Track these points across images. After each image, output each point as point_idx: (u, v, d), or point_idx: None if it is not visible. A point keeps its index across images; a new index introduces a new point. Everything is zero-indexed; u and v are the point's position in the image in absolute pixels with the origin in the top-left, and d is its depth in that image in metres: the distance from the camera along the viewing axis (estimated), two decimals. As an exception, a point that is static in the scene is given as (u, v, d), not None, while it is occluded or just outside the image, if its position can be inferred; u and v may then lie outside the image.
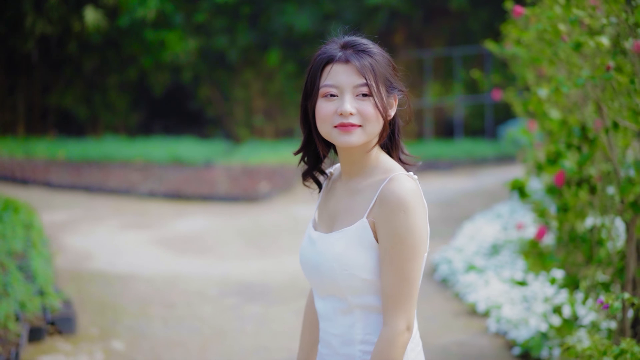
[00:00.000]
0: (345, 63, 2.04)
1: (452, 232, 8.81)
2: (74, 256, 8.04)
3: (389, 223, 2.00)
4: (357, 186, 2.12)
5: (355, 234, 2.04)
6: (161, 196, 11.95)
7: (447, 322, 5.99)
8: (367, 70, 2.03)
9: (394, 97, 2.12)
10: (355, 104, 2.03)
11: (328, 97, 2.04)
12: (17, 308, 5.31)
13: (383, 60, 2.09)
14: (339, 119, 2.03)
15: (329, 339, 2.12)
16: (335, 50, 2.08)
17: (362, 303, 2.06)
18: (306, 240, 2.16)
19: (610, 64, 4.04)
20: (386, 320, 2.02)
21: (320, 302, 2.14)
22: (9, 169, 13.66)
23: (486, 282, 6.55)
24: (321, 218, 2.17)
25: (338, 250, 2.04)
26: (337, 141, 2.05)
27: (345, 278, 2.03)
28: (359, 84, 2.03)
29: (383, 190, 2.03)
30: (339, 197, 2.15)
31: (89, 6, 18.20)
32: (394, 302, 2.00)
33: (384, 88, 2.07)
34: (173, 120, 20.98)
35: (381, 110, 2.04)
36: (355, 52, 2.06)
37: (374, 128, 2.05)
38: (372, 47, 2.10)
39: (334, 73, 2.04)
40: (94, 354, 5.19)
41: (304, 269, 2.16)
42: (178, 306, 6.41)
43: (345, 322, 2.08)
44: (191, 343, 5.48)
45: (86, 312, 6.06)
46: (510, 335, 5.44)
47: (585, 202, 4.82)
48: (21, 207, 8.18)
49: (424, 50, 19.01)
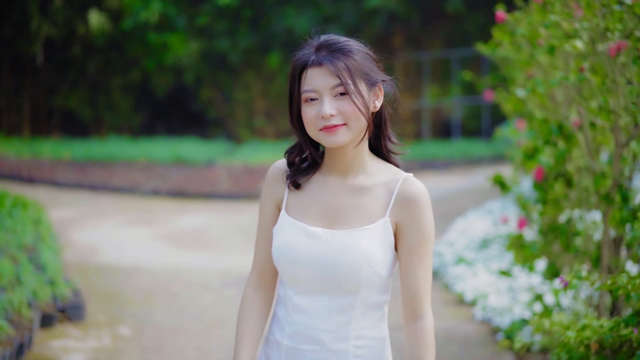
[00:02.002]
0: (319, 66, 2.06)
1: (445, 227, 9.14)
2: (81, 250, 8.38)
3: (417, 222, 2.08)
4: (361, 184, 2.14)
5: (377, 232, 2.08)
6: (164, 194, 12.30)
7: (436, 310, 6.27)
8: (341, 70, 2.04)
9: (379, 87, 2.12)
10: (335, 104, 2.06)
11: (309, 101, 2.08)
12: (30, 296, 5.63)
13: (360, 55, 2.09)
14: (322, 122, 2.06)
15: (317, 335, 2.11)
16: (309, 54, 2.09)
17: (370, 299, 2.10)
18: (298, 234, 2.12)
19: (585, 65, 4.35)
20: (420, 312, 2.09)
21: (304, 298, 2.12)
22: (16, 169, 14.02)
23: (474, 273, 6.88)
24: (310, 213, 2.15)
25: (364, 248, 2.06)
26: (325, 142, 2.09)
27: (368, 274, 2.06)
28: (335, 85, 2.05)
29: (402, 191, 2.10)
30: (337, 194, 2.15)
31: (93, 9, 18.54)
32: (424, 294, 2.10)
33: (363, 82, 2.08)
34: (175, 121, 21.34)
35: (360, 106, 2.05)
36: (329, 53, 2.06)
37: (359, 124, 2.07)
38: (347, 43, 2.09)
39: (310, 78, 2.07)
40: (102, 339, 5.52)
41: (295, 264, 2.12)
42: (180, 296, 6.74)
43: (341, 319, 2.10)
44: (193, 329, 5.81)
45: (94, 301, 6.38)
46: (494, 322, 5.76)
47: (561, 195, 5.13)
48: (30, 204, 8.51)
49: (422, 52, 19.34)
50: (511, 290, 6.32)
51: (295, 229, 2.13)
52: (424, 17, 19.34)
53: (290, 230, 2.14)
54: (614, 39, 4.09)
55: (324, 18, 18.40)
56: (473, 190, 11.94)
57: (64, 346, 5.31)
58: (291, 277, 2.13)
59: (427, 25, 19.61)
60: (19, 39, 18.71)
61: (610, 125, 4.45)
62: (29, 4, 18.15)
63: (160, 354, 5.26)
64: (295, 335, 2.13)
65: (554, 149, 5.22)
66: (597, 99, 4.57)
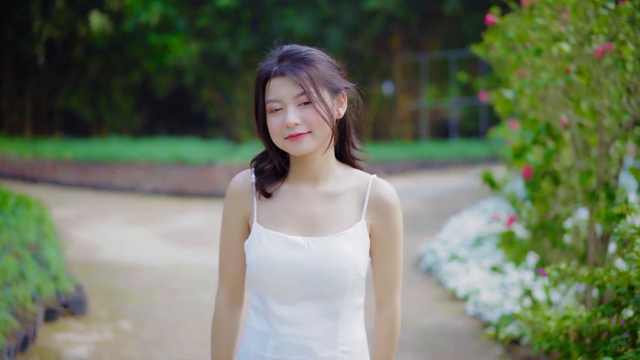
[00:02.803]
0: (282, 76, 2.09)
1: (440, 226, 9.30)
2: (83, 248, 8.55)
3: (390, 223, 2.16)
4: (333, 190, 2.18)
5: (356, 235, 2.13)
6: (164, 194, 12.48)
7: (429, 306, 6.49)
8: (303, 79, 2.08)
9: (342, 95, 2.17)
10: (299, 113, 2.09)
11: (274, 111, 2.11)
12: (34, 291, 5.79)
13: (322, 64, 2.13)
14: (287, 130, 2.09)
15: (306, 344, 2.12)
16: (272, 64, 2.12)
17: (353, 303, 2.16)
18: (279, 245, 2.13)
19: (572, 67, 4.51)
20: (385, 302, 2.20)
21: (288, 308, 2.13)
22: (18, 168, 14.19)
23: (467, 270, 7.05)
24: (286, 223, 2.16)
25: (347, 252, 2.11)
26: (291, 151, 2.11)
27: (353, 278, 2.11)
28: (298, 94, 2.08)
29: (373, 195, 2.16)
30: (311, 201, 2.17)
31: (94, 11, 18.72)
32: (392, 286, 2.20)
33: (326, 90, 2.12)
34: (176, 121, 21.52)
35: (324, 114, 2.09)
36: (292, 63, 2.10)
37: (323, 132, 2.10)
38: (309, 53, 2.13)
39: (273, 88, 2.10)
40: (104, 333, 5.69)
41: (279, 276, 2.12)
42: (180, 293, 6.91)
43: (327, 325, 2.13)
44: (192, 324, 5.97)
45: (96, 297, 6.55)
46: (485, 316, 5.92)
47: (549, 193, 5.30)
48: (32, 203, 8.66)
49: (420, 53, 19.51)
50: (503, 287, 6.48)
51: (275, 239, 2.13)
52: (422, 19, 19.51)
53: (270, 242, 2.13)
54: (599, 42, 4.25)
55: (323, 19, 18.58)
56: (469, 189, 12.10)
57: (67, 339, 5.48)
58: (273, 288, 2.13)
59: (425, 27, 19.78)
60: (21, 40, 18.90)
61: (595, 125, 4.61)
62: (31, 6, 18.33)
63: (161, 348, 5.42)
64: (282, 347, 2.13)
65: (544, 148, 5.38)
66: (585, 100, 4.72)
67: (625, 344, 3.10)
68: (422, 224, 9.99)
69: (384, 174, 15.08)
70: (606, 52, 4.16)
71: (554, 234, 5.38)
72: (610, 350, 3.11)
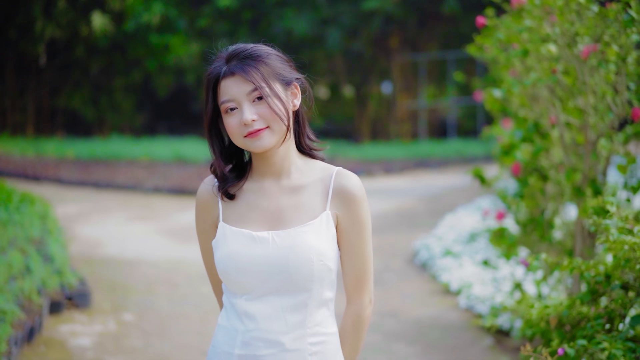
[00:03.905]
0: (232, 75, 2.10)
1: (435, 223, 9.49)
2: (86, 244, 8.74)
3: (354, 214, 2.14)
4: (297, 183, 2.18)
5: (321, 226, 2.12)
6: (165, 191, 12.69)
7: (423, 299, 6.67)
8: (253, 75, 2.08)
9: (295, 86, 2.17)
10: (255, 109, 2.09)
11: (229, 111, 2.11)
12: (39, 284, 5.97)
13: (271, 58, 2.13)
14: (245, 129, 2.09)
15: (274, 338, 2.12)
16: (220, 66, 2.13)
17: (321, 296, 2.14)
18: (243, 242, 2.13)
19: (558, 67, 4.69)
20: (352, 299, 2.20)
21: (255, 303, 2.13)
22: (21, 167, 14.39)
23: (460, 265, 7.23)
24: (252, 220, 2.16)
25: (312, 242, 2.10)
26: (252, 148, 2.11)
27: (320, 269, 2.10)
28: (251, 90, 2.08)
29: (337, 185, 2.15)
30: (276, 196, 2.17)
31: (96, 11, 18.91)
32: (360, 282, 2.19)
33: (278, 83, 2.12)
34: (177, 121, 21.72)
35: (278, 107, 2.09)
36: (239, 61, 2.11)
37: (280, 125, 2.10)
38: (255, 49, 2.14)
39: (226, 88, 2.10)
40: (107, 324, 5.88)
41: (244, 272, 2.12)
42: (181, 286, 7.10)
43: (295, 317, 2.12)
44: (193, 315, 6.16)
45: (99, 291, 6.74)
46: (477, 309, 6.11)
47: (537, 189, 5.48)
48: (36, 200, 8.84)
49: (418, 53, 19.69)
50: (495, 281, 6.67)
51: (239, 237, 2.13)
52: (421, 19, 19.69)
53: (234, 239, 2.13)
54: (583, 43, 4.42)
55: (322, 20, 18.76)
56: (465, 187, 12.29)
57: (72, 330, 5.67)
58: (240, 285, 2.13)
59: (424, 27, 19.96)
60: (24, 41, 19.09)
61: (580, 124, 4.79)
62: (33, 6, 18.52)
63: (162, 338, 5.61)
64: (251, 342, 2.12)
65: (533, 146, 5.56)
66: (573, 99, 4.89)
67: (601, 328, 3.28)
68: (418, 221, 10.18)
69: (382, 172, 15.26)
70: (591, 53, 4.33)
71: (542, 229, 5.57)
72: (587, 335, 3.29)
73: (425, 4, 18.92)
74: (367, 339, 5.52)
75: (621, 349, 2.95)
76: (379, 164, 15.82)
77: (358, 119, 21.66)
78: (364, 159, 16.30)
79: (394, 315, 6.17)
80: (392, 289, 7.04)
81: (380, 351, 5.32)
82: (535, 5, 4.70)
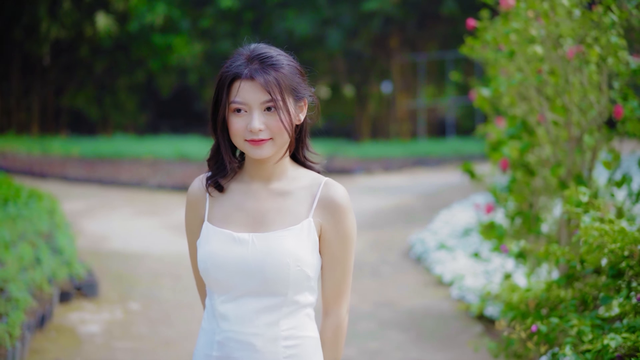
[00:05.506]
0: (251, 80, 2.08)
1: (431, 218, 9.76)
2: (92, 238, 9.03)
3: (338, 224, 2.14)
4: (284, 188, 2.18)
5: (302, 232, 2.12)
6: (169, 188, 12.99)
7: (416, 290, 6.95)
8: (272, 86, 2.07)
9: (304, 101, 2.18)
10: (264, 118, 2.09)
11: (237, 112, 2.10)
12: (49, 275, 6.24)
13: (289, 70, 2.13)
14: (249, 134, 2.09)
15: (247, 340, 2.12)
16: (241, 65, 2.11)
17: (298, 300, 2.13)
18: (224, 242, 2.14)
19: (544, 67, 4.95)
20: (330, 310, 2.20)
21: (231, 304, 2.13)
22: (28, 165, 14.68)
23: (453, 258, 7.51)
24: (235, 220, 2.17)
25: (290, 247, 2.10)
26: (250, 154, 2.11)
27: (296, 274, 2.09)
28: (266, 100, 2.08)
29: (324, 195, 2.15)
30: (261, 199, 2.17)
31: (100, 12, 19.18)
32: (338, 293, 2.19)
33: (291, 97, 2.12)
34: (179, 120, 21.99)
35: (286, 123, 2.09)
36: (261, 67, 2.09)
37: (284, 138, 2.11)
38: (278, 57, 2.13)
39: (241, 90, 2.08)
40: (115, 312, 6.16)
41: (223, 272, 2.12)
42: (184, 278, 7.37)
43: (268, 320, 2.12)
44: (196, 305, 6.43)
45: (106, 282, 7.02)
46: (468, 299, 6.38)
47: (524, 184, 5.75)
48: (44, 196, 9.11)
49: (417, 53, 19.95)
50: (486, 273, 6.93)
51: (220, 236, 2.14)
52: (420, 20, 19.94)
53: (215, 238, 2.14)
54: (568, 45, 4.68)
55: (323, 21, 19.02)
56: (461, 185, 12.55)
57: (81, 318, 5.95)
58: (219, 285, 2.14)
59: (423, 28, 20.22)
60: (29, 41, 19.36)
61: (565, 121, 5.05)
62: (38, 7, 18.80)
63: (167, 325, 5.89)
64: (226, 343, 2.13)
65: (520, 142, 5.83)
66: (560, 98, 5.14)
67: (574, 309, 3.56)
68: (414, 216, 10.46)
69: (381, 170, 15.54)
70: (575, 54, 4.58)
71: (530, 222, 5.83)
72: (561, 315, 3.56)
73: (425, 5, 19.18)
74: (364, 326, 5.80)
75: (588, 325, 3.22)
76: (379, 162, 16.10)
77: (358, 118, 21.94)
78: (363, 157, 16.58)
79: (389, 305, 6.44)
80: (388, 280, 7.32)
81: (375, 338, 5.59)
82: (522, 8, 4.95)
